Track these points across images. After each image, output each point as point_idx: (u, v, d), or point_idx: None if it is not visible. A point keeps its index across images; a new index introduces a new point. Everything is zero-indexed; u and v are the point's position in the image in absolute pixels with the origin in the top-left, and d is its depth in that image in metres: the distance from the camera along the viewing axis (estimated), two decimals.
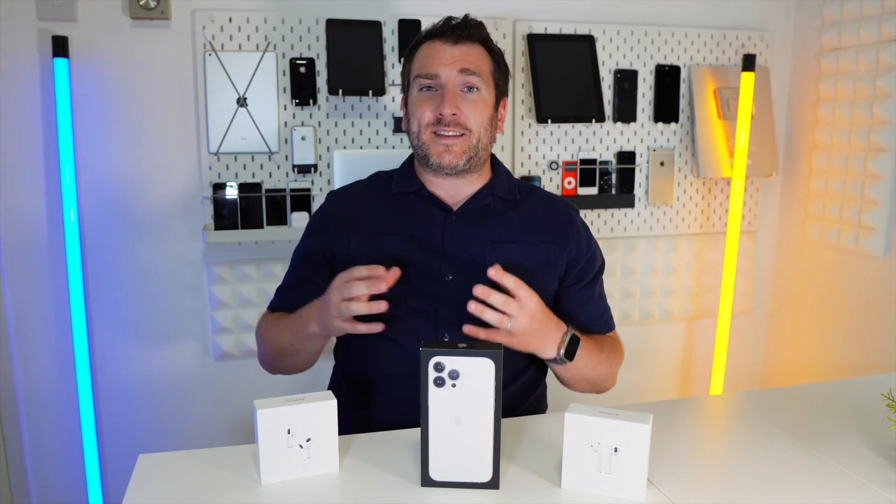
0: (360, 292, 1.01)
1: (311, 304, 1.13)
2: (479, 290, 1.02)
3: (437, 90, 1.18)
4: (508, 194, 1.25)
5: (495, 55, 1.24)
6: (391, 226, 1.22)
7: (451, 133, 1.16)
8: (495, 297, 1.02)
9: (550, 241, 1.22)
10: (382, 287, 1.02)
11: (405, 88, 1.26)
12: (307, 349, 1.18)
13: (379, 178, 1.31)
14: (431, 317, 1.16)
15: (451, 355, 0.86)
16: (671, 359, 2.29)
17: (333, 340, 1.34)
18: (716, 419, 1.19)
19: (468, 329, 1.05)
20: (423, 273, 1.17)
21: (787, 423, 1.10)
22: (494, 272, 1.03)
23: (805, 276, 2.21)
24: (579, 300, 1.25)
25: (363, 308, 1.02)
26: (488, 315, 1.03)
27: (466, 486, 0.90)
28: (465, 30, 1.19)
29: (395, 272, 1.03)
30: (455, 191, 1.23)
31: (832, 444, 1.03)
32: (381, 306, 1.02)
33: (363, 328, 1.04)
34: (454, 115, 1.16)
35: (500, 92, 1.25)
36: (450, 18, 1.21)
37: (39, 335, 1.78)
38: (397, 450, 1.00)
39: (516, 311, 1.03)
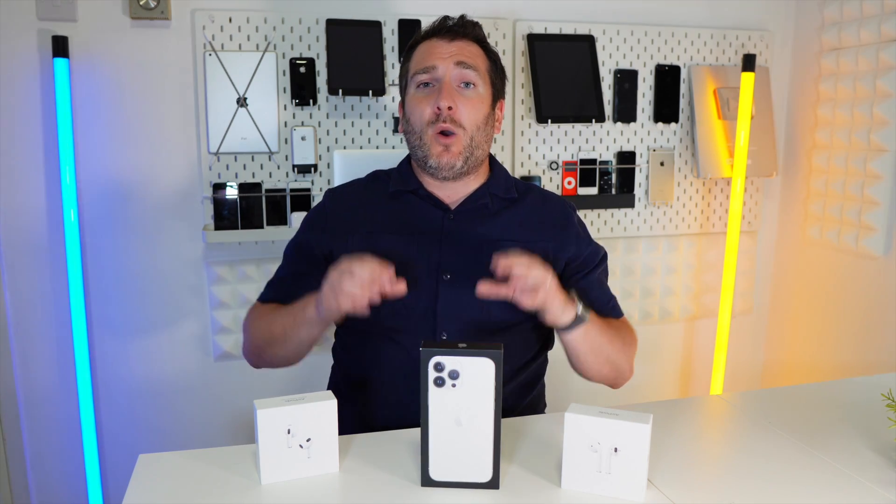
0: (366, 277, 1.02)
1: (312, 294, 1.12)
2: (501, 264, 1.03)
3: (433, 86, 1.19)
4: (506, 193, 1.25)
5: (491, 55, 1.25)
6: (390, 224, 1.22)
7: (447, 129, 1.16)
8: (518, 264, 1.02)
9: (549, 240, 1.22)
10: (385, 279, 1.03)
11: (402, 90, 1.26)
12: (299, 337, 1.16)
13: (377, 177, 1.31)
14: (430, 316, 1.16)
15: (451, 355, 0.86)
16: (671, 359, 2.29)
17: (332, 340, 1.34)
18: (716, 419, 1.19)
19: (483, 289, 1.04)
20: (422, 272, 1.18)
21: (787, 422, 1.10)
22: (500, 264, 1.03)
23: (805, 276, 2.20)
24: (583, 288, 1.24)
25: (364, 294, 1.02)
26: (533, 272, 1.03)
27: (466, 486, 0.90)
28: (461, 27, 1.21)
29: (402, 288, 1.04)
30: (453, 190, 1.23)
31: (832, 444, 1.03)
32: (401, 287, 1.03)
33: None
34: (450, 109, 1.16)
35: (497, 91, 1.25)
36: (446, 17, 1.22)
37: (39, 335, 1.78)
38: (397, 450, 1.00)
39: (538, 269, 1.04)
